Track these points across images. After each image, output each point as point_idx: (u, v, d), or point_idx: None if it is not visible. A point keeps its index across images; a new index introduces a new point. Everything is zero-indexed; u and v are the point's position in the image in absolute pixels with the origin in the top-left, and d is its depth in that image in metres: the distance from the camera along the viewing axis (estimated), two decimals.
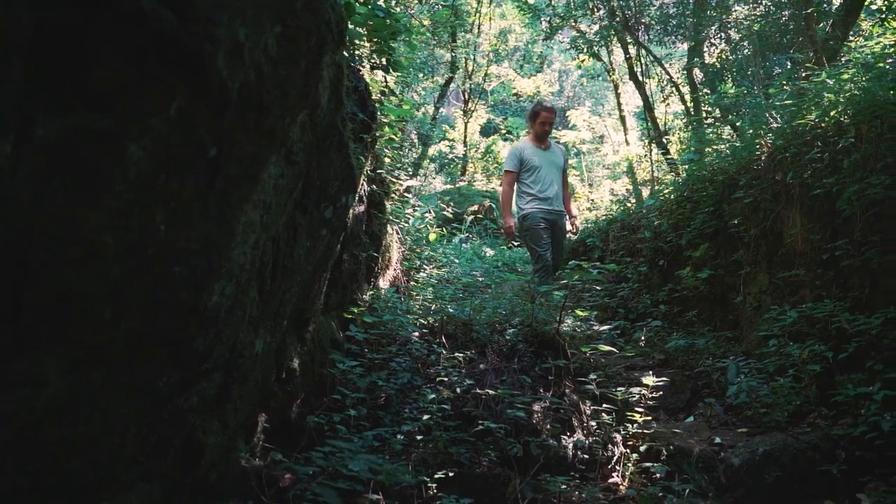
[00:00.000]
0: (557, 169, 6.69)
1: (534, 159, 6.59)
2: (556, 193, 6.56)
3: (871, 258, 4.13)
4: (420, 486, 3.29)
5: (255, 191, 2.80)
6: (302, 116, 2.96)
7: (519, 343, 4.22)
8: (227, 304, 2.81)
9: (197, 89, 2.12)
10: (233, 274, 2.79)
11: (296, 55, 2.53)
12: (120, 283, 2.32)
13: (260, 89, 2.45)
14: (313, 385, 4.08)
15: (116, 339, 2.39)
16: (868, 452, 3.77)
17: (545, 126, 6.69)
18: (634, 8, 11.40)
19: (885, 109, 4.04)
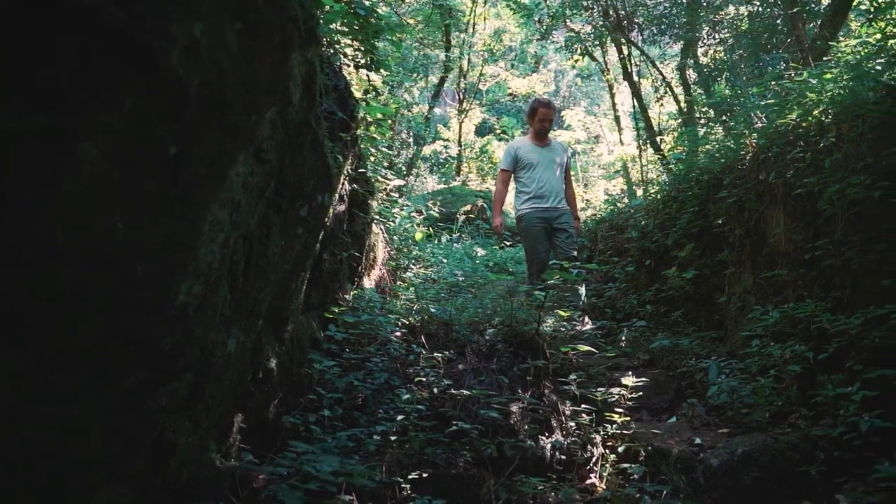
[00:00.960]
0: (557, 167, 6.52)
1: (530, 157, 6.45)
2: (555, 191, 6.40)
3: (852, 258, 4.11)
4: (394, 486, 3.28)
5: (223, 189, 2.78)
6: (271, 114, 2.94)
7: (498, 343, 4.20)
8: (195, 304, 2.79)
9: (153, 87, 2.10)
10: (200, 273, 2.77)
11: (260, 52, 2.51)
12: (78, 283, 2.30)
13: (222, 87, 2.43)
14: (292, 385, 4.06)
15: (77, 339, 2.37)
16: (847, 453, 3.75)
17: (544, 123, 6.55)
18: (628, 8, 11.39)
19: (866, 109, 4.02)
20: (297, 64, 3.02)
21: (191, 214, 2.71)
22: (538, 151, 6.51)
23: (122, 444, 2.70)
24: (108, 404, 2.61)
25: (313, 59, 3.19)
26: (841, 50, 4.58)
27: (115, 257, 2.43)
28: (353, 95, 4.54)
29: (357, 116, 4.21)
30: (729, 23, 9.17)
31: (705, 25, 9.57)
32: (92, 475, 2.59)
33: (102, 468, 2.63)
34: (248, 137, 2.81)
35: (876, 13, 4.21)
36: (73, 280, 2.22)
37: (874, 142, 4.01)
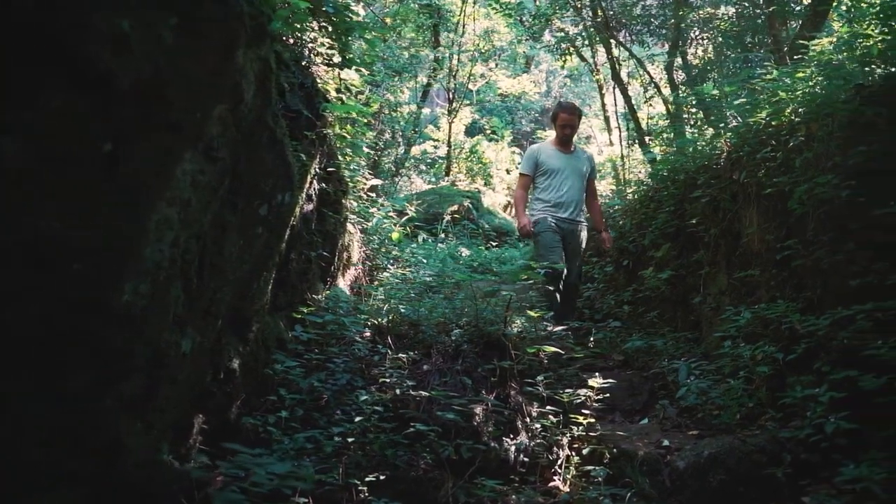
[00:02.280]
0: (579, 176, 6.11)
1: (552, 163, 6.08)
2: (575, 201, 6.02)
3: (822, 258, 4.08)
4: (350, 488, 3.24)
5: (169, 187, 2.74)
6: (221, 112, 2.90)
7: (464, 344, 4.16)
8: (143, 303, 2.75)
9: (80, 83, 2.06)
10: (147, 272, 2.73)
11: (201, 48, 2.47)
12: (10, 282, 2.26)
13: (159, 83, 2.39)
14: (256, 386, 4.02)
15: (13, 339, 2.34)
16: (813, 455, 3.72)
17: (565, 129, 6.15)
18: (616, 8, 11.37)
19: (835, 108, 3.98)
20: (248, 61, 2.98)
21: (134, 212, 2.67)
22: (561, 158, 6.13)
23: (69, 447, 2.66)
24: (54, 406, 2.57)
25: (267, 56, 3.15)
26: (812, 49, 4.53)
27: (53, 256, 2.39)
28: (321, 93, 4.51)
29: (324, 115, 4.17)
30: (709, 22, 9.13)
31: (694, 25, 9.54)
32: (37, 478, 2.55)
33: (53, 471, 2.59)
34: (194, 135, 2.77)
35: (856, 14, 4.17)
36: (10, 279, 2.19)
37: (843, 141, 3.98)
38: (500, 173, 17.40)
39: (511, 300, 4.24)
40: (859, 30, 4.05)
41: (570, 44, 12.18)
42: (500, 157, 17.62)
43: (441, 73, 15.35)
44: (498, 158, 17.52)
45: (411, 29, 13.91)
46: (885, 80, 3.92)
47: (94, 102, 2.13)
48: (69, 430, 2.63)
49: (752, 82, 5.13)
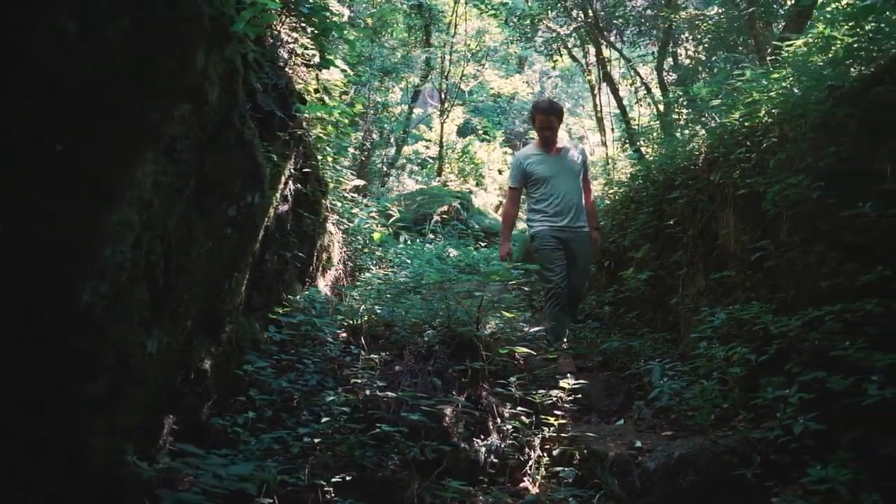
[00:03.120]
0: (573, 176, 5.71)
1: (540, 169, 5.65)
2: (574, 206, 5.62)
3: (794, 259, 4.08)
4: (316, 489, 3.24)
5: (128, 188, 2.74)
6: (183, 113, 2.90)
7: (436, 345, 4.16)
8: (104, 304, 2.75)
9: (26, 82, 2.06)
10: (107, 273, 2.73)
11: (156, 50, 2.47)
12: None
13: (112, 84, 2.39)
14: (229, 386, 4.02)
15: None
16: (783, 456, 3.72)
17: (544, 132, 5.70)
18: (607, 9, 11.36)
19: (807, 109, 3.99)
20: (211, 63, 2.98)
21: (92, 214, 2.67)
22: (549, 162, 5.69)
23: (32, 448, 2.66)
24: (16, 407, 2.57)
25: (232, 57, 3.15)
26: (786, 50, 4.54)
27: (4, 258, 2.39)
28: (296, 94, 4.51)
29: (297, 116, 4.17)
30: (692, 22, 9.14)
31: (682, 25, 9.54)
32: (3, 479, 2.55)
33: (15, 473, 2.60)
34: (154, 136, 2.77)
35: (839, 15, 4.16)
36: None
37: (814, 142, 3.98)
38: (491, 173, 17.42)
39: (483, 301, 4.24)
40: (829, 31, 4.05)
41: (561, 44, 12.18)
42: (491, 157, 17.63)
43: (433, 74, 15.35)
44: (490, 159, 17.54)
45: (402, 30, 13.91)
46: (856, 82, 3.91)
47: (41, 103, 2.13)
48: (34, 431, 2.63)
49: (730, 83, 5.13)
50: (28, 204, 2.31)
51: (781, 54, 4.59)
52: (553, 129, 5.73)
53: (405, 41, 14.31)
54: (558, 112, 5.84)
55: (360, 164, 11.01)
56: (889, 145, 3.55)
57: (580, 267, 5.68)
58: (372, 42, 11.68)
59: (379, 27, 12.26)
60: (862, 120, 3.75)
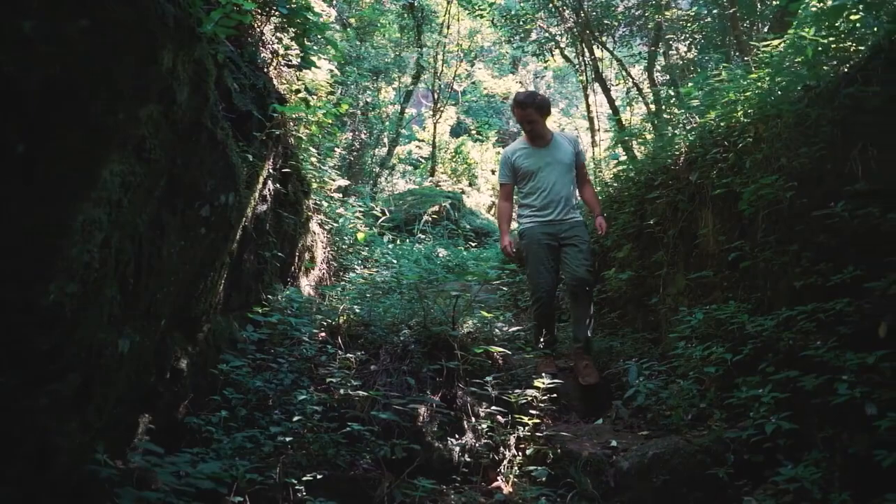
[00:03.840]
0: (563, 167, 5.44)
1: (528, 163, 5.45)
2: (562, 198, 5.38)
3: (769, 259, 4.10)
4: (287, 487, 3.26)
5: (95, 188, 2.75)
6: (151, 113, 2.91)
7: (411, 344, 4.18)
8: (72, 303, 2.76)
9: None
10: (74, 273, 2.74)
11: (117, 51, 2.48)
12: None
13: (74, 85, 2.40)
14: (206, 385, 4.03)
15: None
16: (757, 455, 3.74)
17: (525, 125, 5.49)
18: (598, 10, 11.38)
19: (781, 109, 4.00)
20: (180, 62, 2.99)
21: (57, 213, 2.68)
22: (536, 155, 5.46)
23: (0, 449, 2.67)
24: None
25: (202, 57, 3.16)
26: (762, 50, 4.55)
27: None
28: (274, 94, 4.52)
29: (274, 116, 4.18)
30: (675, 23, 9.15)
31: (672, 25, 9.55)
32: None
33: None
34: (120, 136, 2.78)
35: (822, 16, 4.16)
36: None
37: (789, 142, 3.99)
38: (484, 173, 17.43)
39: (458, 300, 4.25)
40: (801, 31, 4.06)
41: (553, 44, 12.19)
42: (484, 157, 17.65)
43: (426, 74, 15.36)
44: (483, 159, 17.55)
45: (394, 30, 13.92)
46: (830, 82, 3.93)
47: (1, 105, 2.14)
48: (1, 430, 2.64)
49: (709, 83, 5.14)
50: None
51: (759, 55, 4.60)
52: (533, 121, 5.43)
53: (398, 41, 14.33)
54: (538, 104, 5.47)
55: (349, 165, 11.03)
56: (860, 145, 3.56)
57: (579, 249, 5.30)
58: (361, 42, 11.69)
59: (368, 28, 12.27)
60: (834, 120, 3.76)
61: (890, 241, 3.37)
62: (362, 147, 12.29)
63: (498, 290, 6.59)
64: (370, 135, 12.79)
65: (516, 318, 6.30)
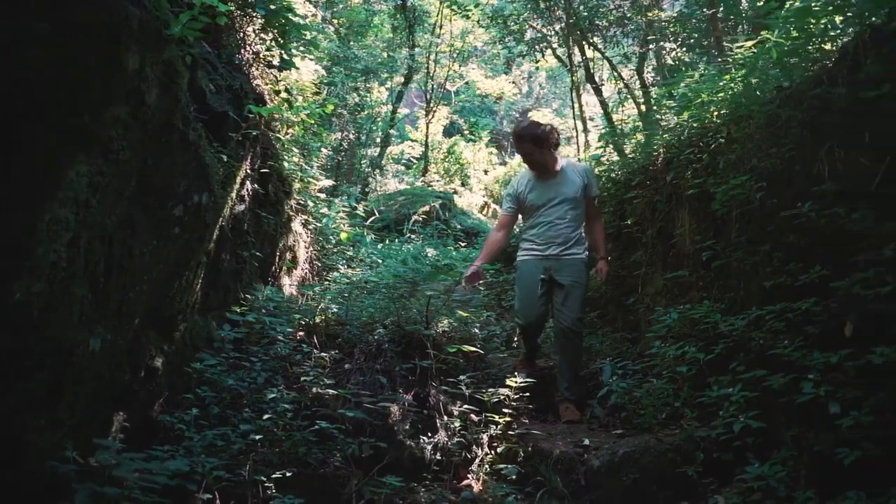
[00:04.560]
0: (569, 203, 5.05)
1: (532, 196, 5.13)
2: (563, 235, 5.02)
3: (741, 259, 4.13)
4: (257, 485, 3.29)
5: (61, 188, 2.79)
6: (119, 114, 2.94)
7: (385, 343, 4.21)
8: (40, 302, 2.79)
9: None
10: (41, 272, 2.77)
11: (81, 52, 2.52)
12: None
13: (38, 87, 2.44)
14: (182, 384, 4.06)
15: None
16: (726, 454, 3.77)
17: (525, 159, 5.21)
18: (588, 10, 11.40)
19: (752, 110, 4.03)
20: (148, 64, 3.02)
21: (20, 214, 2.71)
22: (542, 188, 5.12)
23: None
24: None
25: (172, 59, 3.19)
26: (735, 51, 4.59)
27: None
28: (252, 95, 4.55)
29: (250, 116, 4.21)
30: (656, 23, 9.19)
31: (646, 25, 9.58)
32: None
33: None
34: (87, 137, 2.81)
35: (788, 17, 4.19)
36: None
37: (760, 142, 4.03)
38: (477, 173, 17.47)
39: (430, 300, 4.28)
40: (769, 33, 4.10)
41: (545, 45, 12.22)
42: (477, 157, 17.68)
43: (418, 74, 15.40)
44: (475, 159, 17.59)
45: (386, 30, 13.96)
46: (800, 83, 3.96)
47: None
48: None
49: (683, 84, 5.18)
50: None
51: (733, 56, 4.64)
52: (531, 154, 5.10)
53: (390, 41, 14.36)
54: (533, 137, 5.08)
55: (337, 165, 11.05)
56: (827, 146, 3.59)
57: (571, 297, 4.95)
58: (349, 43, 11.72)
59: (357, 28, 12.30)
60: (804, 121, 3.79)
61: (855, 240, 3.41)
62: (351, 147, 12.33)
63: (481, 290, 6.63)
64: (359, 135, 12.81)
65: (498, 318, 6.33)
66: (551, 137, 5.16)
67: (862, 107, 3.38)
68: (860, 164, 3.42)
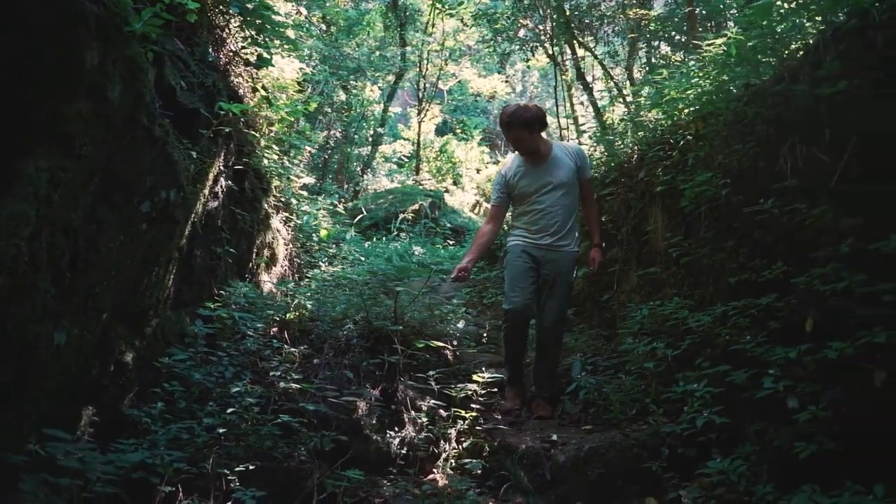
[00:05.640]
0: (562, 188, 4.83)
1: (522, 184, 4.89)
2: (556, 225, 4.83)
3: (709, 255, 4.16)
4: (221, 478, 3.32)
5: (19, 183, 2.82)
6: (81, 110, 2.97)
7: (354, 338, 4.24)
8: (1, 296, 2.82)
9: None
10: (1, 266, 2.80)
11: (38, 49, 2.55)
12: None
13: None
14: (153, 379, 4.09)
15: None
16: (690, 449, 3.80)
17: (515, 145, 4.95)
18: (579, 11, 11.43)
19: (718, 107, 4.06)
20: (110, 60, 3.05)
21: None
22: (533, 175, 4.87)
23: None
24: None
25: (135, 55, 3.22)
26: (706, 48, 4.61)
27: None
28: (225, 92, 4.58)
29: (220, 113, 4.23)
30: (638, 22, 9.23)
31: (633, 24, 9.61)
32: None
33: None
34: (46, 132, 2.85)
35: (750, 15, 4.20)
36: None
37: (727, 139, 4.05)
38: (469, 172, 17.50)
39: (398, 295, 4.31)
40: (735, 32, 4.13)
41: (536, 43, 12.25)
42: (469, 156, 17.72)
43: (411, 73, 15.43)
44: (468, 158, 17.62)
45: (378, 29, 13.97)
46: (766, 80, 3.98)
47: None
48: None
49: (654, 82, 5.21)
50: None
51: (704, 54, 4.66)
52: (521, 140, 4.82)
53: (383, 40, 14.38)
54: (524, 122, 4.80)
55: (323, 163, 11.07)
56: (789, 143, 3.62)
57: (556, 292, 4.83)
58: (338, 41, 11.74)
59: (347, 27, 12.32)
60: (768, 118, 3.82)
61: (815, 237, 3.44)
62: (338, 145, 12.35)
63: (463, 287, 6.66)
64: (346, 133, 12.83)
65: (478, 315, 6.37)
66: (539, 119, 4.90)
67: (822, 104, 3.41)
68: (820, 160, 3.45)
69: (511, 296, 4.80)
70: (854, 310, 3.14)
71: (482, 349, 5.44)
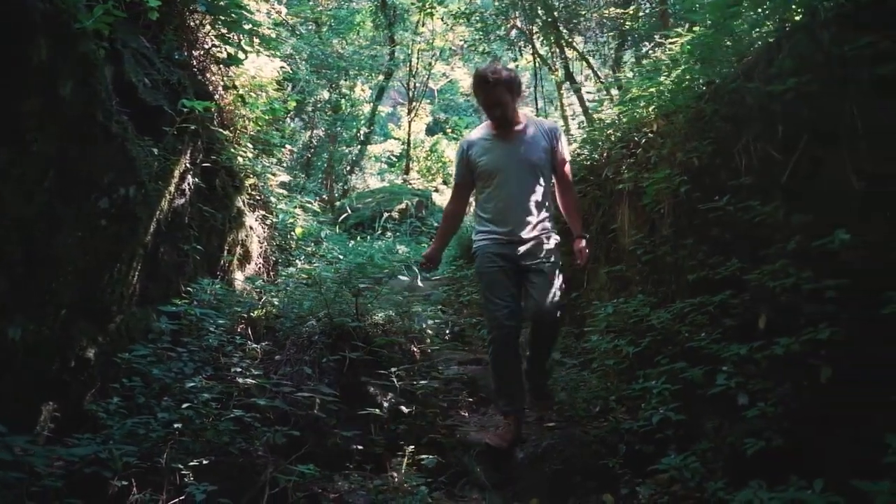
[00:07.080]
0: (532, 167, 4.15)
1: (486, 159, 4.17)
2: (523, 209, 4.14)
3: (670, 253, 4.18)
4: (175, 472, 3.33)
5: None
6: (31, 107, 2.99)
7: (316, 335, 4.26)
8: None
9: None
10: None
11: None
12: None
13: None
14: (116, 374, 4.11)
15: None
16: (647, 445, 3.81)
17: (493, 110, 4.10)
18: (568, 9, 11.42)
19: (678, 105, 4.08)
20: (60, 57, 3.07)
21: None
22: (500, 150, 4.16)
23: None
24: None
25: (88, 52, 3.24)
26: (668, 47, 4.63)
27: None
28: (193, 89, 4.59)
29: (184, 110, 4.24)
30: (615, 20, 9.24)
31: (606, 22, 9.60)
32: None
33: None
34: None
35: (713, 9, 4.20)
36: None
37: (686, 137, 4.07)
38: None
39: (359, 291, 4.33)
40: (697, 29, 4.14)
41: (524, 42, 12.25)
42: None
43: (401, 73, 15.45)
44: None
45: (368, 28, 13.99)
46: (724, 78, 4.00)
47: None
48: None
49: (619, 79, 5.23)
50: None
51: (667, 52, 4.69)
52: (504, 104, 4.07)
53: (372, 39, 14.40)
54: (507, 81, 4.09)
55: (307, 162, 11.09)
56: (744, 140, 3.63)
57: (546, 278, 4.15)
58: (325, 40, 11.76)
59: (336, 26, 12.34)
60: (725, 115, 3.84)
61: (769, 233, 3.46)
62: (322, 144, 12.38)
63: (440, 286, 6.69)
64: (329, 131, 12.85)
65: (456, 314, 6.38)
66: (520, 84, 4.27)
67: (774, 101, 3.42)
68: (773, 157, 3.46)
69: (493, 309, 4.11)
70: (802, 306, 3.15)
71: (451, 346, 5.45)
